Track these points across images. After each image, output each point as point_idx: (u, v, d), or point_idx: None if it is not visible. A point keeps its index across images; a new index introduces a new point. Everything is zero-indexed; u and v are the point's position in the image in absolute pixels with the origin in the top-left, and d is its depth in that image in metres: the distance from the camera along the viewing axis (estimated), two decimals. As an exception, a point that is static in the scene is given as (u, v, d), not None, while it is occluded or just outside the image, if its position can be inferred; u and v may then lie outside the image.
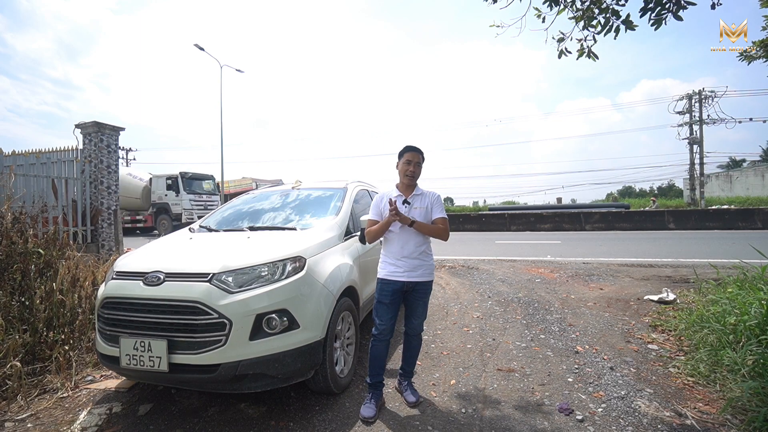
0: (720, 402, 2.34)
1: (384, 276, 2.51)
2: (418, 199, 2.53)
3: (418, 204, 2.52)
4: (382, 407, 2.47)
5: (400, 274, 2.45)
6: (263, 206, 3.69)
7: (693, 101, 25.06)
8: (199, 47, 20.22)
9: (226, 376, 2.09)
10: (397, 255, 2.48)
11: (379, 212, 2.52)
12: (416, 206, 2.51)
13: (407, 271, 2.45)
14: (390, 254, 2.52)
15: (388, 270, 2.50)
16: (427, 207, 2.51)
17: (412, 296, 2.50)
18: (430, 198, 2.55)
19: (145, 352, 2.12)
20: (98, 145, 7.10)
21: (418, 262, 2.47)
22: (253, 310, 2.16)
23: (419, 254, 2.47)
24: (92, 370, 3.11)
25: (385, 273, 2.51)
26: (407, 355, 2.62)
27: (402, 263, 2.46)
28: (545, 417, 2.32)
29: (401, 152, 2.55)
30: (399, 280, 2.45)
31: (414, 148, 2.54)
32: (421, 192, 2.56)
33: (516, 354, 3.29)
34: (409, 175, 2.50)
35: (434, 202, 2.54)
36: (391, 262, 2.50)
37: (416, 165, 2.50)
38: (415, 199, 2.53)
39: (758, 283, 3.46)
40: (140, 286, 2.24)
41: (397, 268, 2.46)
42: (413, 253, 2.47)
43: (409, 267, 2.46)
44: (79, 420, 2.40)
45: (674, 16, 2.93)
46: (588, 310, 4.45)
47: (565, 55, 3.66)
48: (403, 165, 2.52)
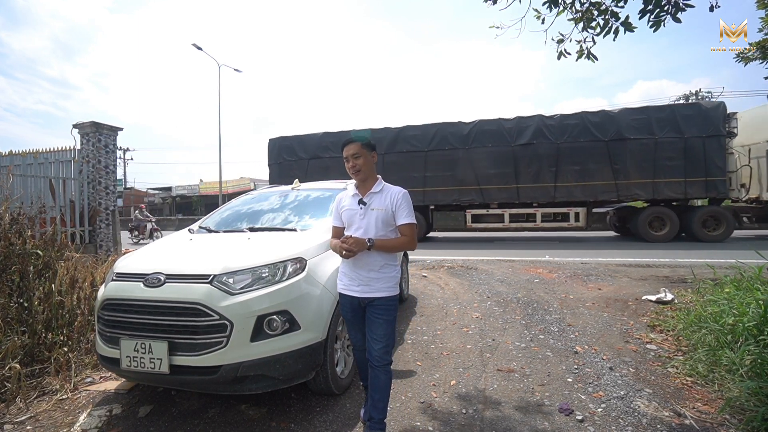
0: (718, 402, 2.36)
1: (340, 290, 2.19)
2: (376, 198, 2.11)
3: (377, 204, 2.09)
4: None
5: (355, 289, 2.10)
6: (262, 207, 3.69)
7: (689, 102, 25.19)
8: (197, 47, 20.19)
9: (227, 377, 2.09)
10: (350, 266, 2.12)
11: (339, 216, 2.23)
12: (374, 207, 2.09)
13: (362, 285, 2.08)
14: (345, 264, 2.15)
15: (343, 282, 2.16)
16: (387, 209, 2.07)
17: (371, 313, 2.09)
18: (393, 197, 2.09)
19: (145, 353, 2.12)
20: (96, 145, 7.07)
21: (375, 275, 2.07)
22: (254, 311, 2.16)
23: (379, 267, 2.08)
24: (91, 371, 3.10)
25: (341, 286, 2.19)
26: (373, 396, 2.07)
27: (356, 275, 2.09)
28: (545, 417, 2.33)
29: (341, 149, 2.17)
30: (354, 295, 2.11)
31: (347, 140, 2.12)
32: (380, 188, 2.13)
33: (516, 354, 3.30)
34: (351, 172, 2.12)
35: (398, 203, 2.07)
36: (346, 273, 2.15)
37: (355, 158, 2.08)
38: (372, 199, 2.11)
39: (755, 284, 3.48)
40: (141, 288, 2.24)
41: (351, 281, 2.11)
42: (368, 266, 2.08)
43: (364, 281, 2.07)
44: (78, 422, 2.39)
45: (673, 18, 2.95)
46: (587, 310, 4.47)
47: (564, 56, 3.67)
48: (345, 164, 2.15)
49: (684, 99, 25.35)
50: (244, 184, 32.26)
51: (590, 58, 3.53)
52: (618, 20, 3.27)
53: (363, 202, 2.12)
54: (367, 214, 2.09)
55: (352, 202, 2.15)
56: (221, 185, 23.22)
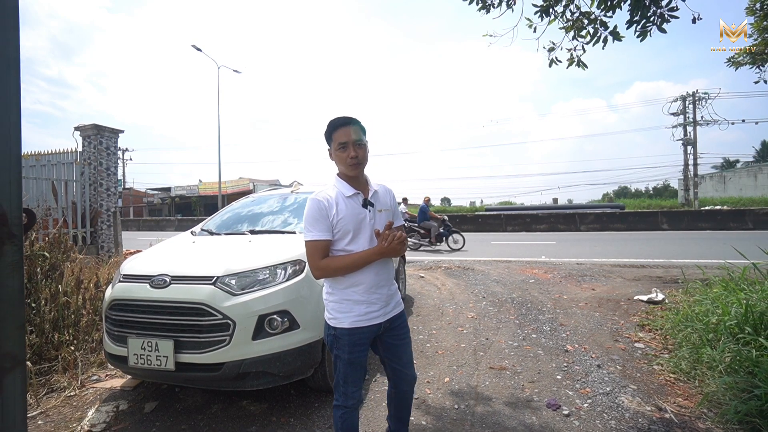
0: (698, 397, 2.47)
1: (353, 324, 1.64)
2: (378, 197, 1.74)
3: (381, 204, 1.73)
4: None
5: (376, 315, 1.67)
6: (262, 210, 3.79)
7: (687, 103, 25.34)
8: (196, 48, 20.27)
9: (230, 374, 2.20)
10: (370, 287, 1.66)
11: (329, 226, 1.63)
12: (381, 208, 1.72)
13: (383, 308, 1.69)
14: (360, 286, 1.65)
15: (359, 312, 1.65)
16: (391, 209, 1.76)
17: (393, 337, 1.75)
18: (390, 195, 1.81)
19: (152, 351, 2.22)
20: (97, 147, 7.18)
21: (392, 290, 1.75)
22: (256, 311, 2.26)
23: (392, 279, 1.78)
24: (97, 369, 3.20)
25: (352, 319, 1.64)
26: (401, 415, 1.88)
27: (377, 298, 1.67)
28: (534, 412, 2.44)
29: (328, 131, 1.67)
30: (375, 323, 1.67)
31: (346, 120, 1.64)
32: (374, 186, 1.78)
33: (508, 353, 3.41)
34: (351, 163, 1.63)
35: (393, 202, 1.81)
36: (361, 300, 1.65)
37: (357, 146, 1.63)
38: (376, 198, 1.73)
39: (741, 284, 3.60)
40: (147, 289, 2.34)
41: (371, 307, 1.65)
42: (389, 280, 1.74)
43: (385, 300, 1.70)
44: (87, 417, 2.49)
45: (658, 28, 3.06)
46: (579, 310, 4.58)
47: (555, 63, 3.78)
48: (337, 152, 1.65)
49: (681, 100, 25.48)
50: (243, 185, 32.35)
51: (580, 65, 3.64)
52: (607, 29, 3.39)
53: (370, 203, 1.69)
54: (377, 217, 1.69)
55: (353, 204, 1.66)
56: (221, 185, 23.31)
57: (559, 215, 17.24)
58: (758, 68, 5.65)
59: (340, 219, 1.63)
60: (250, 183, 32.22)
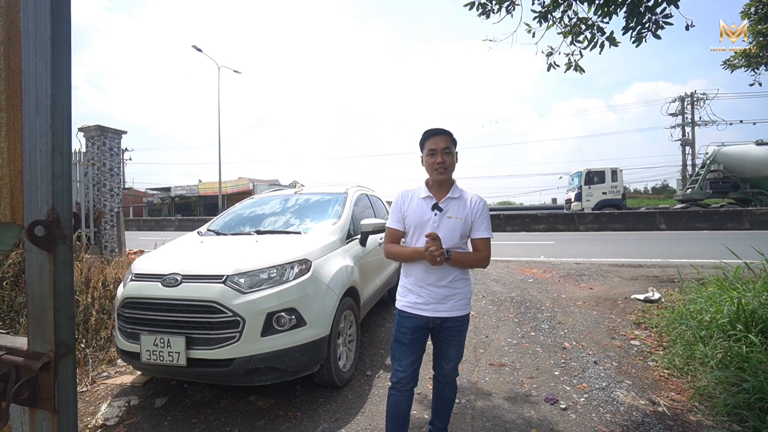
0: (690, 391, 2.57)
1: (402, 307, 1.89)
2: (454, 204, 1.86)
3: (455, 212, 1.85)
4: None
5: (423, 307, 1.84)
6: (265, 210, 3.88)
7: (685, 103, 25.50)
8: (197, 48, 20.34)
9: (239, 369, 2.28)
10: (419, 280, 1.85)
11: (401, 218, 1.90)
12: (451, 215, 1.84)
13: (433, 304, 1.83)
14: (410, 277, 1.89)
15: (408, 300, 1.87)
16: (466, 219, 1.84)
17: (443, 335, 1.90)
18: (473, 206, 1.87)
19: (164, 347, 2.30)
20: (101, 148, 7.25)
21: (448, 291, 1.84)
22: (264, 308, 2.35)
23: (450, 281, 1.84)
24: (106, 366, 3.28)
25: (403, 303, 1.89)
26: (438, 407, 2.06)
27: (426, 292, 1.84)
28: (532, 406, 2.53)
29: (422, 140, 1.90)
30: (421, 314, 1.84)
31: (438, 131, 1.85)
32: (459, 194, 1.89)
33: (507, 350, 3.50)
34: (438, 169, 1.83)
35: (478, 213, 1.86)
36: (411, 289, 1.87)
37: (444, 153, 1.83)
38: (450, 205, 1.86)
39: (735, 283, 3.69)
40: (159, 287, 2.42)
41: (419, 298, 1.85)
42: (441, 280, 1.83)
43: (436, 298, 1.83)
44: (100, 411, 2.58)
45: (653, 34, 3.15)
46: (577, 309, 4.67)
47: (553, 68, 3.87)
48: (427, 157, 1.86)
49: (679, 101, 25.63)
50: (242, 185, 32.41)
51: (578, 70, 3.74)
52: (603, 35, 3.48)
53: (438, 208, 1.84)
54: (443, 222, 1.83)
55: (423, 205, 1.87)
56: (221, 185, 23.38)
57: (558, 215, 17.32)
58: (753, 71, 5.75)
59: (408, 215, 1.90)
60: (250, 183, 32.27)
